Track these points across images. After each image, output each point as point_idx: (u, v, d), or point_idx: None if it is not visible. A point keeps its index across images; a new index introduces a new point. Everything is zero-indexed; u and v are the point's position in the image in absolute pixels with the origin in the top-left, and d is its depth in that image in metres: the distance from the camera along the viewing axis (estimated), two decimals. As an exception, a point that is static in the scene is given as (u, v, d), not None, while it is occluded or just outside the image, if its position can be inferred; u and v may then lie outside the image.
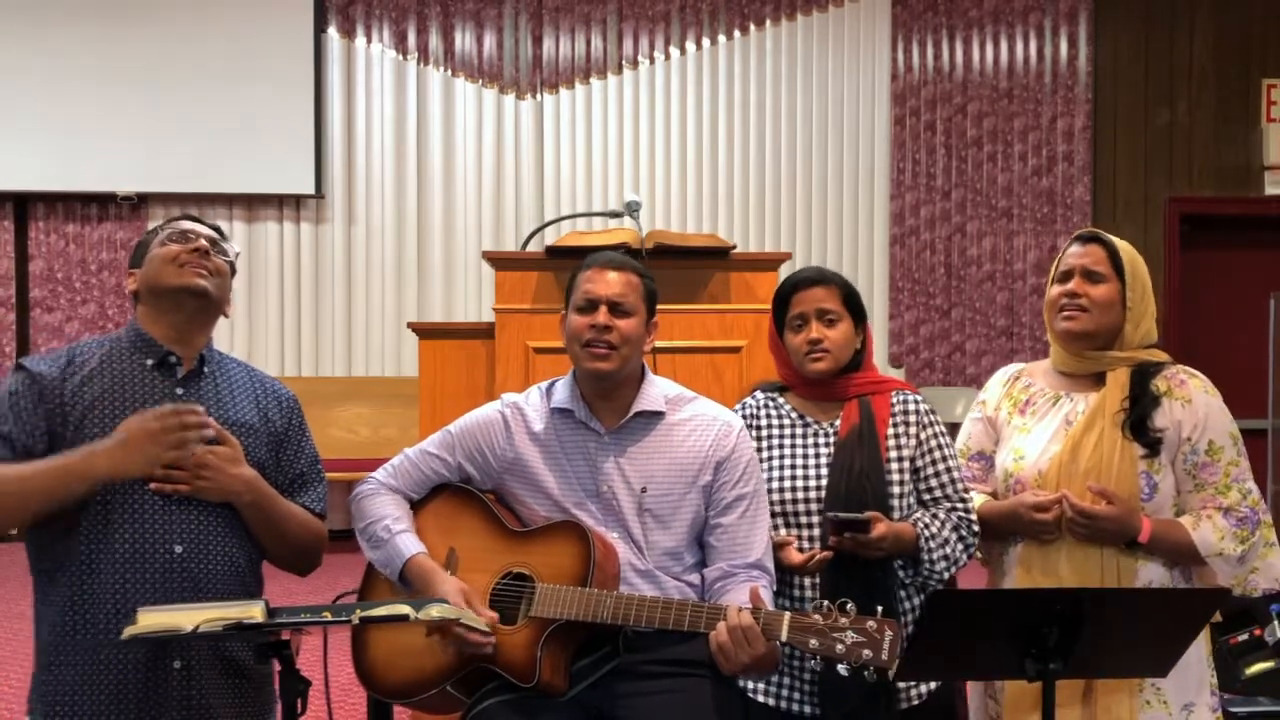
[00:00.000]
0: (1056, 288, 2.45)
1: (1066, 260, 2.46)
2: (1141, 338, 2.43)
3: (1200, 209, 7.73)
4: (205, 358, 2.26)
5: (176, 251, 2.22)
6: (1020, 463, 2.42)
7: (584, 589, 2.17)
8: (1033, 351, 7.66)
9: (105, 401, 2.15)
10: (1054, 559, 2.34)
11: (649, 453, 2.34)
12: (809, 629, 2.04)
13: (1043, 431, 2.43)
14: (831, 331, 2.44)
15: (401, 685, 2.28)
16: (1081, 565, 2.31)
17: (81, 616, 2.09)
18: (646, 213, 6.31)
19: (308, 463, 2.35)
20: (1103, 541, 2.30)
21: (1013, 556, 2.43)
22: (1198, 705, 2.34)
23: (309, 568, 2.37)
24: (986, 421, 2.54)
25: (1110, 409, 2.36)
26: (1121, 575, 2.31)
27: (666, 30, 7.59)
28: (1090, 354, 2.42)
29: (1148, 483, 2.33)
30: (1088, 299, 2.39)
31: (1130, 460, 2.33)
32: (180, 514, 2.13)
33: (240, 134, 7.16)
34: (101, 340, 2.25)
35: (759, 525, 2.33)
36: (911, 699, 2.41)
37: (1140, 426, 2.34)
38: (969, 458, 2.56)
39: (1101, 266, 2.41)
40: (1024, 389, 2.51)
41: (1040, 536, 2.35)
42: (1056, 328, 2.44)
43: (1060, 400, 2.45)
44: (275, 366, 7.23)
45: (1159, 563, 2.33)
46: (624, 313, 2.31)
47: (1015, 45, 7.75)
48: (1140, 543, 2.30)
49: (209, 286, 2.22)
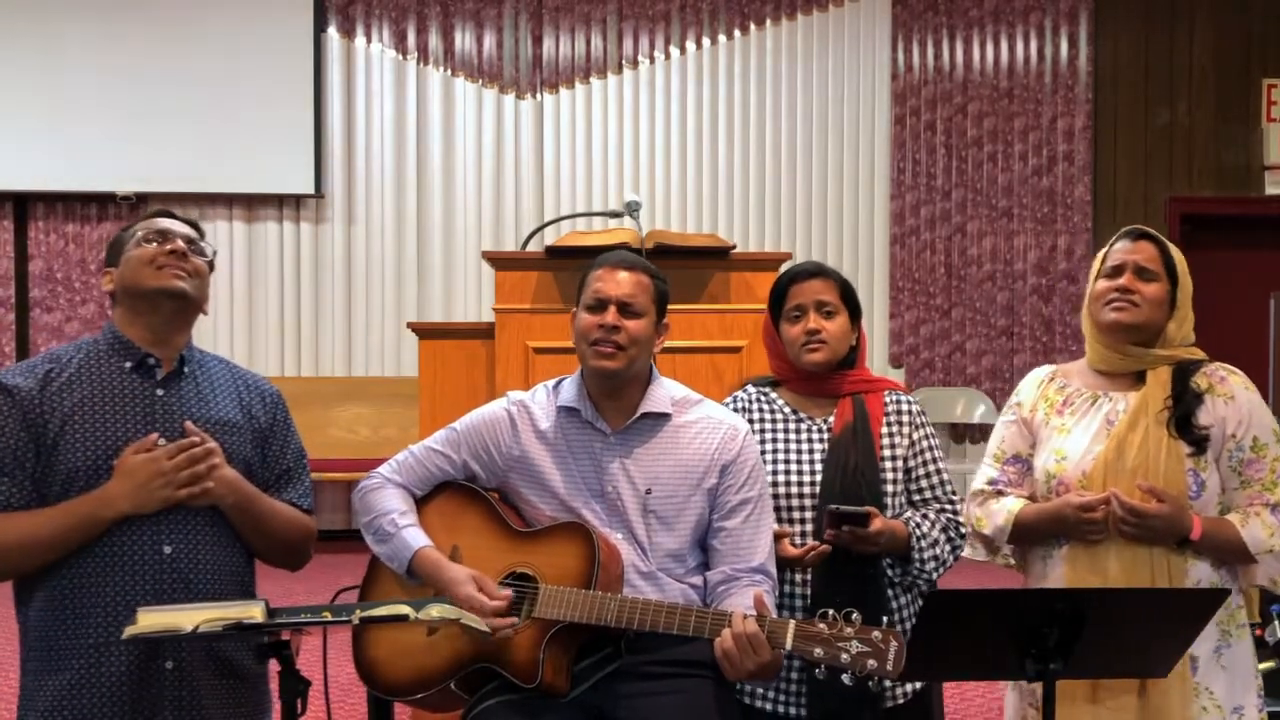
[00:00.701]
0: (1104, 282, 2.40)
1: (1116, 255, 2.40)
2: (1183, 338, 2.40)
3: (1200, 209, 7.73)
4: (185, 357, 2.24)
5: (154, 253, 2.18)
6: (1063, 464, 2.37)
7: (588, 591, 2.17)
8: (1033, 352, 7.67)
9: (86, 407, 2.13)
10: (1102, 558, 2.29)
11: (655, 454, 2.33)
12: (814, 638, 2.03)
13: (1084, 431, 2.38)
14: (829, 323, 2.44)
15: (403, 683, 2.28)
16: (1131, 565, 2.27)
17: (72, 619, 2.08)
18: (646, 213, 6.30)
19: (294, 457, 2.34)
20: (1153, 541, 2.26)
21: (1057, 558, 2.37)
22: (1246, 708, 2.31)
23: (298, 564, 2.36)
24: (1022, 423, 2.48)
25: (1153, 407, 2.33)
26: (1172, 575, 2.26)
27: (666, 30, 7.59)
28: (1133, 350, 2.38)
29: (1195, 481, 2.29)
30: (1140, 295, 2.35)
31: (1177, 458, 2.29)
32: (167, 515, 2.11)
33: (240, 134, 7.16)
34: (79, 344, 2.23)
35: (763, 530, 2.33)
36: (896, 698, 2.42)
37: (1185, 424, 2.30)
38: (1004, 461, 2.49)
39: (1154, 264, 2.37)
40: (1060, 389, 2.46)
41: (1088, 538, 2.30)
42: (1103, 319, 2.38)
43: (1099, 399, 2.40)
44: (275, 366, 7.24)
45: (1207, 562, 2.30)
46: (633, 313, 2.31)
47: (1015, 45, 7.74)
48: (1191, 541, 2.25)
49: (187, 288, 2.19)
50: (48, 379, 2.14)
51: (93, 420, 2.12)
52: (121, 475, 2.08)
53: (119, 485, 2.08)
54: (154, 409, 2.17)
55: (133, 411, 2.15)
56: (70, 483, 2.09)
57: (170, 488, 2.08)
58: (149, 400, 2.17)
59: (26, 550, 2.07)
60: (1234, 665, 2.30)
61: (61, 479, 2.10)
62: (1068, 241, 7.71)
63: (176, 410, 2.18)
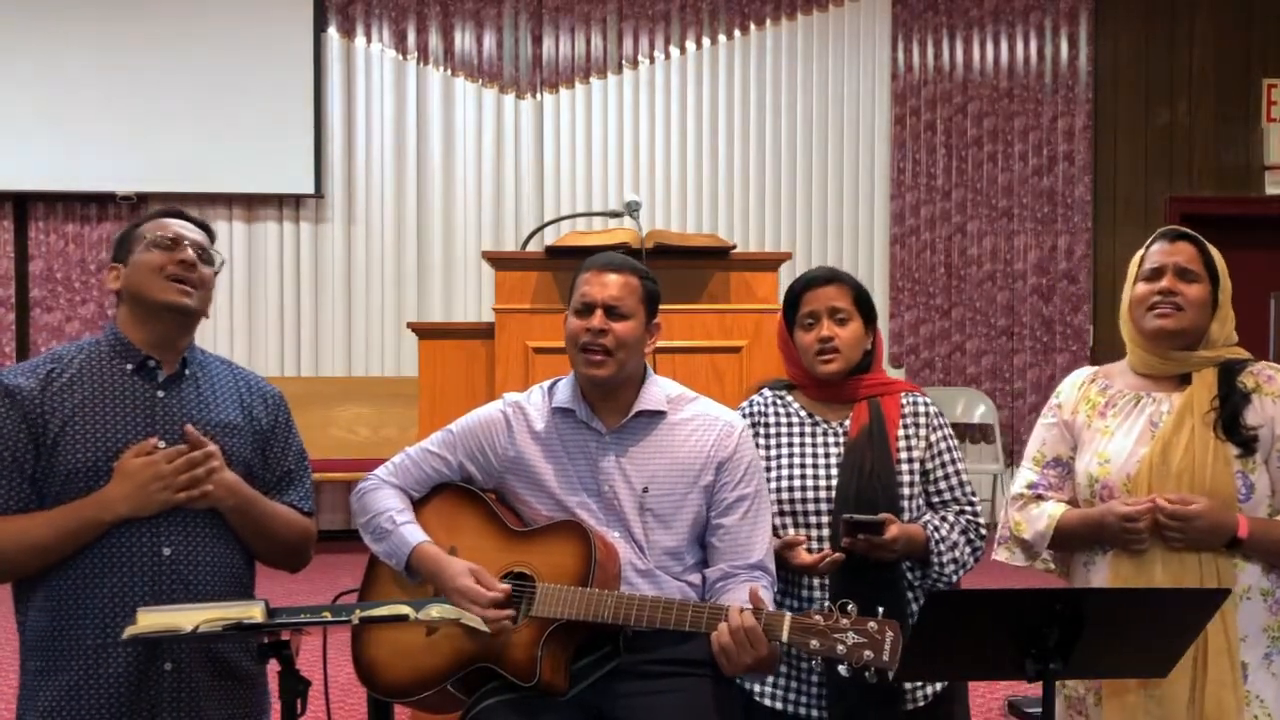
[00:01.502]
0: (1144, 285, 2.34)
1: (1155, 257, 2.35)
2: (1226, 338, 2.35)
3: (1200, 209, 7.72)
4: (187, 359, 2.24)
5: (163, 262, 2.18)
6: (1106, 467, 2.32)
7: (585, 589, 2.17)
8: (1033, 351, 7.67)
9: (86, 409, 2.13)
10: (1148, 564, 2.24)
11: (650, 452, 2.33)
12: (810, 630, 2.04)
13: (1127, 434, 2.33)
14: (842, 330, 2.43)
15: (402, 684, 2.28)
16: (1178, 569, 2.22)
17: (72, 620, 2.08)
18: (646, 213, 6.30)
19: (295, 460, 2.34)
20: (1199, 546, 2.21)
21: (1100, 564, 2.32)
22: None
23: (298, 566, 2.36)
24: (1063, 426, 2.43)
25: (1199, 408, 2.28)
26: (1221, 578, 2.21)
27: (666, 30, 7.59)
28: (1176, 354, 2.33)
29: (1244, 483, 2.24)
30: (1183, 297, 2.30)
31: (1225, 460, 2.24)
32: (166, 517, 2.11)
33: (240, 134, 7.15)
34: (80, 345, 2.23)
35: (760, 526, 2.33)
36: (917, 700, 2.41)
37: (1233, 425, 2.25)
38: (1044, 465, 2.43)
39: (1194, 265, 2.32)
40: (1102, 390, 2.41)
41: (1131, 548, 2.25)
42: (1146, 326, 2.33)
43: (1143, 401, 2.35)
44: (275, 366, 7.23)
45: (1258, 566, 2.24)
46: (620, 316, 2.30)
47: (1016, 45, 7.75)
48: (1240, 540, 2.20)
49: (193, 304, 2.20)
50: (49, 379, 2.14)
51: (93, 421, 2.12)
52: (121, 478, 2.08)
53: (118, 488, 2.08)
54: (155, 411, 2.16)
55: (133, 413, 2.15)
56: (69, 483, 2.09)
57: (169, 491, 2.08)
58: (150, 402, 2.17)
59: (26, 553, 2.07)
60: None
61: (61, 479, 2.10)
62: (1068, 241, 7.71)
63: (177, 412, 2.18)
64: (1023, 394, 7.70)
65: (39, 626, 2.12)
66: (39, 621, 2.12)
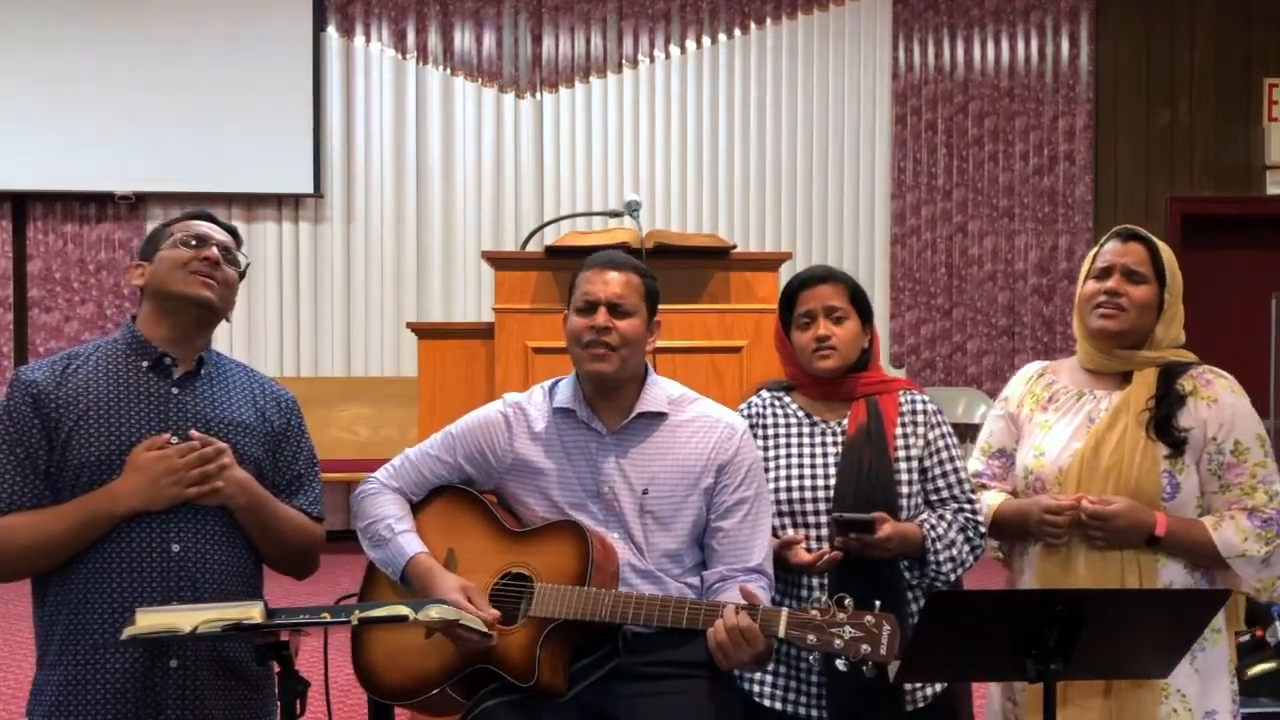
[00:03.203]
0: (1093, 284, 2.39)
1: (1105, 256, 2.40)
2: (1171, 339, 2.39)
3: (1201, 209, 7.72)
4: (204, 359, 2.26)
5: (188, 257, 2.20)
6: (1041, 459, 2.39)
7: (582, 588, 2.17)
8: (1034, 352, 7.66)
9: (101, 403, 2.14)
10: (1073, 559, 2.30)
11: (651, 454, 2.33)
12: (807, 624, 2.04)
13: (1065, 428, 2.39)
14: (839, 329, 2.43)
15: (401, 686, 2.27)
16: (1100, 565, 2.28)
17: (81, 616, 2.09)
18: (646, 212, 6.29)
19: (305, 464, 2.35)
20: (1120, 544, 2.26)
21: (1030, 557, 2.39)
22: (1220, 713, 2.30)
23: (306, 571, 2.36)
24: (1009, 418, 2.51)
25: (1135, 407, 2.33)
26: (1142, 575, 2.26)
27: (666, 29, 7.58)
28: (1120, 353, 2.39)
29: (1169, 482, 2.29)
30: (1127, 298, 2.35)
31: (1152, 459, 2.29)
32: (176, 513, 2.12)
33: (239, 133, 7.15)
34: (97, 343, 2.25)
35: (760, 529, 2.32)
36: (917, 701, 2.40)
37: (1165, 425, 2.30)
38: (990, 455, 2.52)
39: (1143, 267, 2.36)
40: (1047, 386, 2.48)
41: (1047, 540, 2.32)
42: (1091, 325, 2.39)
43: (1084, 397, 2.41)
44: (274, 366, 7.23)
45: (1180, 565, 2.29)
46: (624, 313, 2.30)
47: (1016, 44, 7.74)
48: (1159, 538, 2.25)
49: (214, 299, 2.21)
50: (65, 376, 2.16)
51: (107, 415, 2.13)
52: (132, 471, 2.09)
53: (129, 481, 2.09)
54: (168, 407, 2.17)
55: (147, 408, 2.16)
56: (80, 475, 2.11)
57: (180, 486, 2.09)
58: (164, 398, 2.18)
59: (40, 548, 2.08)
60: (1208, 669, 2.29)
61: (73, 471, 2.11)
62: (1069, 241, 7.70)
63: (191, 409, 2.19)
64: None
65: (49, 621, 2.13)
66: (50, 616, 2.13)
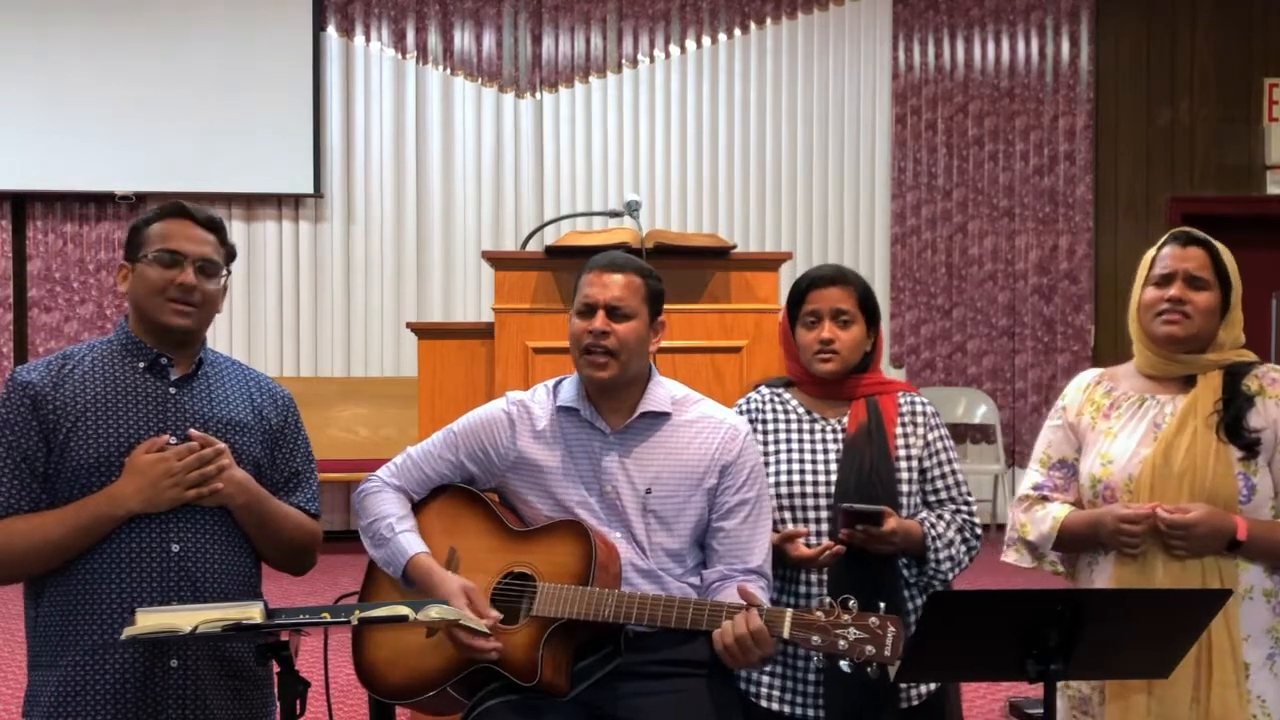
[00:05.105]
0: (1154, 291, 2.34)
1: (1165, 262, 2.35)
2: (1233, 341, 2.36)
3: (1201, 208, 7.71)
4: (201, 359, 2.26)
5: (163, 284, 2.17)
6: (1108, 467, 2.33)
7: (586, 588, 2.16)
8: (1034, 351, 7.66)
9: (98, 404, 2.14)
10: (1150, 567, 2.25)
11: (654, 453, 2.33)
12: (811, 626, 2.04)
13: (1130, 435, 2.33)
14: (844, 333, 2.43)
15: (402, 686, 2.27)
16: (1179, 571, 2.22)
17: (80, 616, 2.09)
18: (646, 212, 6.29)
19: (302, 461, 2.34)
20: (1201, 552, 2.21)
21: (1104, 564, 2.33)
22: None
23: (304, 568, 2.36)
24: (1068, 428, 2.44)
25: (1203, 410, 2.28)
26: (1224, 579, 2.22)
27: (666, 29, 7.58)
28: (1183, 357, 2.34)
29: (1245, 484, 2.25)
30: (1191, 305, 2.30)
31: (1226, 462, 2.25)
32: (176, 514, 2.12)
33: (239, 133, 7.14)
34: (93, 344, 2.24)
35: (760, 531, 2.32)
36: (911, 699, 2.41)
37: (1235, 427, 2.26)
38: (1050, 466, 2.44)
39: (1205, 272, 2.33)
40: (1107, 393, 2.42)
41: (1124, 550, 2.26)
42: (1155, 331, 2.34)
43: (1146, 403, 2.36)
44: (274, 366, 7.22)
45: (1260, 568, 2.25)
46: (623, 316, 2.30)
47: (1016, 44, 7.74)
48: (1240, 542, 2.20)
49: (191, 326, 2.21)
50: (61, 377, 2.16)
51: (105, 416, 2.13)
52: (131, 473, 2.09)
53: (129, 483, 2.08)
54: (166, 407, 2.17)
55: (145, 409, 2.16)
56: (79, 477, 2.10)
57: (179, 487, 2.09)
58: (162, 399, 2.18)
59: (38, 550, 2.08)
60: None
61: (71, 473, 2.10)
62: (1069, 241, 7.70)
63: (189, 409, 2.19)
64: (1024, 394, 7.70)
65: (48, 623, 2.12)
66: (48, 618, 2.12)
